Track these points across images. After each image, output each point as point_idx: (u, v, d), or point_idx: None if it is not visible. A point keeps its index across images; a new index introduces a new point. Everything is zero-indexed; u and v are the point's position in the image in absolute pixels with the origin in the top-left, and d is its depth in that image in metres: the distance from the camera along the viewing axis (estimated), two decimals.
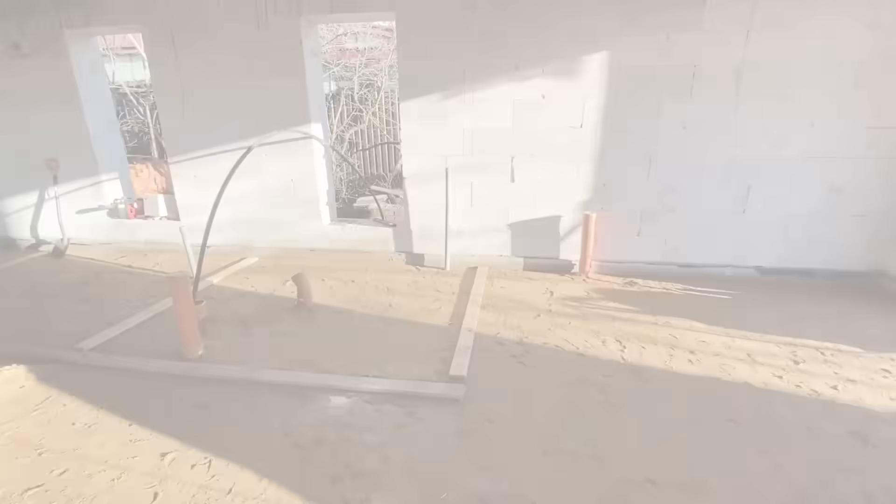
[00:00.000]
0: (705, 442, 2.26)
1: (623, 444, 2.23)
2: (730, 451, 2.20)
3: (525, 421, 2.40)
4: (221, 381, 2.78)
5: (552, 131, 4.23)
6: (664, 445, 2.23)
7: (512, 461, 2.13)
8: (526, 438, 2.28)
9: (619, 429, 2.35)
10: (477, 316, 3.56)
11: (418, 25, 4.14)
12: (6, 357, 3.04)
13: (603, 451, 2.18)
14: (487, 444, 2.23)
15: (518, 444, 2.23)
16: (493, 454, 2.17)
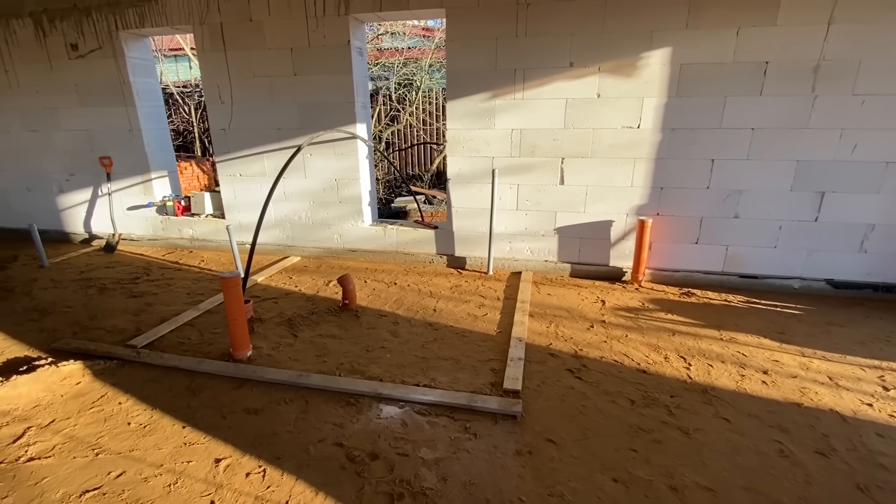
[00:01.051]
0: (794, 475, 2.04)
1: (702, 475, 2.04)
2: (824, 487, 1.98)
3: (589, 442, 2.25)
4: (271, 383, 2.73)
5: (606, 132, 4.03)
6: (749, 477, 2.03)
7: (580, 487, 1.98)
8: (592, 462, 2.12)
9: (695, 456, 2.16)
10: (526, 325, 3.41)
11: (469, 22, 4.02)
12: (64, 352, 3.11)
13: (682, 481, 2.00)
14: (551, 467, 2.09)
15: (584, 469, 2.08)
16: (559, 478, 2.02)
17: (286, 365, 2.94)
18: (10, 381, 2.57)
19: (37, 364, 2.79)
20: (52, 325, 3.55)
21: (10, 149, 5.75)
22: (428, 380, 2.75)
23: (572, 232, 4.37)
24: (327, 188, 4.87)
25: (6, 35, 5.22)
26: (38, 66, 5.24)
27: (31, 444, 2.24)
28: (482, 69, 4.10)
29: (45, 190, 5.82)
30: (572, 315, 3.63)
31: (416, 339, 3.26)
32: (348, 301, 3.75)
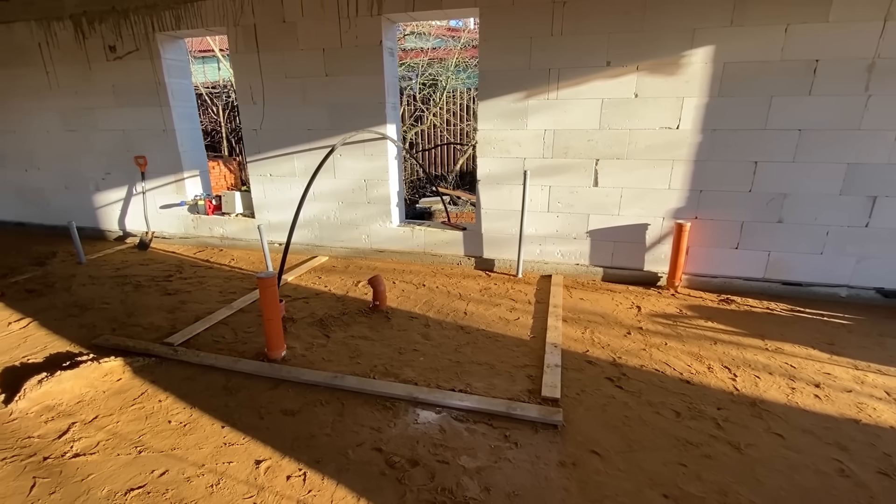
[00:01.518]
0: (858, 497, 1.93)
1: (758, 494, 1.94)
2: None
3: (635, 455, 2.17)
4: (306, 385, 2.73)
5: (644, 132, 3.92)
6: (809, 498, 1.92)
7: (628, 503, 1.90)
8: (640, 476, 2.04)
9: (748, 474, 2.06)
10: (560, 330, 3.34)
11: (503, 22, 3.96)
12: (104, 348, 3.17)
13: (737, 500, 1.91)
14: (597, 480, 2.02)
15: (632, 483, 2.00)
16: (605, 492, 1.95)
17: (320, 366, 2.93)
18: (55, 377, 2.62)
19: (79, 360, 2.85)
20: (91, 320, 3.63)
21: (50, 148, 5.93)
22: (463, 385, 2.70)
23: (605, 235, 4.27)
24: (356, 189, 4.87)
25: (47, 37, 5.38)
26: (77, 68, 5.39)
27: (77, 440, 2.28)
28: (515, 69, 4.04)
29: (81, 188, 5.98)
30: (607, 321, 3.54)
31: (449, 343, 3.22)
32: (379, 302, 3.74)
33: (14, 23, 5.46)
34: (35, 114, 5.81)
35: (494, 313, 3.68)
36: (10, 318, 3.70)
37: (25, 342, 3.29)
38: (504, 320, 3.56)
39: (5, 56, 5.65)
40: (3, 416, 2.46)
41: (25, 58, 5.56)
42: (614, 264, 4.33)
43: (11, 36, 5.53)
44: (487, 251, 4.66)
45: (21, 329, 3.50)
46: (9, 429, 2.37)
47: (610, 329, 3.41)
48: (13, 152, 6.15)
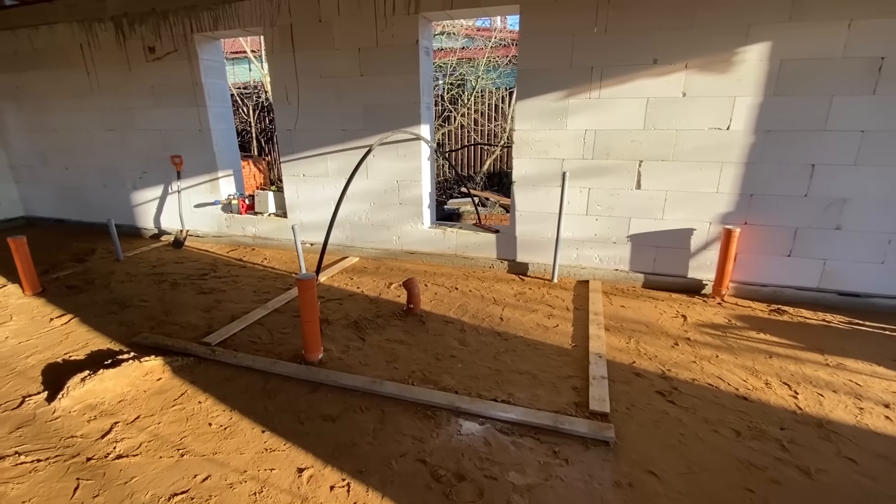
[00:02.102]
0: None
1: None
2: None
3: (696, 478, 2.03)
4: (344, 389, 2.67)
5: (691, 133, 3.75)
6: None
7: None
8: (703, 501, 1.91)
9: (822, 502, 1.90)
10: (603, 339, 3.20)
11: (544, 18, 3.84)
12: (143, 346, 3.19)
13: None
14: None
15: None
16: None
17: (357, 370, 2.88)
18: (98, 375, 2.63)
19: (121, 358, 2.86)
20: (130, 318, 3.66)
21: (90, 147, 6.07)
22: (505, 395, 2.60)
23: (647, 240, 4.10)
24: (388, 190, 4.82)
25: (89, 38, 5.51)
26: (117, 68, 5.50)
27: (119, 441, 2.27)
28: (556, 67, 3.92)
29: (119, 186, 6.11)
30: (652, 330, 3.39)
31: (486, 349, 3.12)
32: (413, 305, 3.67)
33: (57, 24, 5.61)
34: (76, 114, 5.96)
35: (532, 319, 3.57)
36: (51, 313, 3.77)
37: (67, 339, 3.34)
38: (542, 327, 3.44)
39: (48, 57, 5.81)
40: (46, 414, 2.48)
41: (68, 59, 5.71)
42: (656, 270, 4.16)
43: (54, 37, 5.68)
44: (521, 254, 4.54)
45: (63, 325, 3.56)
46: (52, 427, 2.38)
47: (656, 339, 3.26)
48: (55, 151, 6.33)
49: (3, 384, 2.77)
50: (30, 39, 5.82)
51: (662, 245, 4.08)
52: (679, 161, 3.84)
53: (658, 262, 4.14)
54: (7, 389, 2.71)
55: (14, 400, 2.60)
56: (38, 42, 5.79)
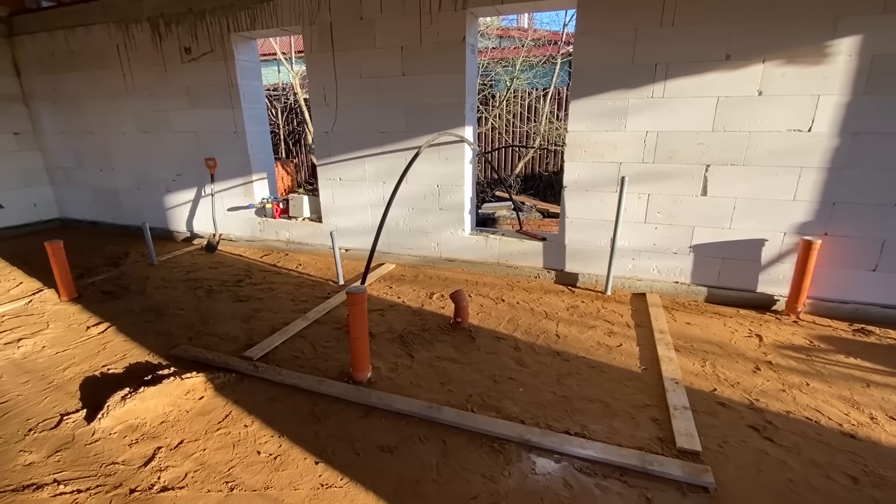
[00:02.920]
0: None
1: None
2: None
3: None
4: (399, 414, 2.45)
5: (766, 135, 3.43)
6: None
7: None
8: None
9: None
10: (676, 362, 2.91)
11: (604, 13, 3.57)
12: (181, 359, 3.03)
13: None
14: None
15: None
16: None
17: (409, 392, 2.66)
18: (139, 394, 2.48)
19: (161, 374, 2.70)
20: (167, 327, 3.52)
21: (125, 150, 6.03)
22: (578, 427, 2.35)
23: (712, 250, 3.79)
24: (428, 194, 4.61)
25: (125, 39, 5.45)
26: (153, 70, 5.43)
27: (164, 470, 2.09)
28: (616, 65, 3.64)
29: (152, 189, 6.05)
30: (727, 352, 3.08)
31: (547, 371, 2.87)
32: (461, 319, 3.44)
33: (93, 25, 5.58)
34: (111, 115, 5.92)
35: (591, 337, 3.30)
36: (87, 321, 3.66)
37: (104, 349, 3.21)
38: (605, 346, 3.17)
39: (84, 59, 5.79)
40: (85, 436, 2.32)
41: (104, 60, 5.67)
42: (721, 284, 3.84)
43: (90, 38, 5.65)
44: (570, 264, 4.27)
45: (99, 335, 3.44)
46: (92, 451, 2.22)
47: (733, 362, 2.95)
48: (90, 153, 6.31)
49: (41, 399, 2.64)
50: (66, 41, 5.80)
51: (729, 256, 3.76)
52: (751, 166, 3.52)
53: (723, 275, 3.82)
54: (45, 406, 2.58)
55: (52, 418, 2.46)
56: (75, 43, 5.77)
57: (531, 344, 3.21)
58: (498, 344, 3.22)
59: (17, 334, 3.44)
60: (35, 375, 2.89)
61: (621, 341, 3.23)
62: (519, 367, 2.93)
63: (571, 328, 3.43)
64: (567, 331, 3.40)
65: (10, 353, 3.17)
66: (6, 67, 6.25)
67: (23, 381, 2.83)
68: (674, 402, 2.50)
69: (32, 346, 3.26)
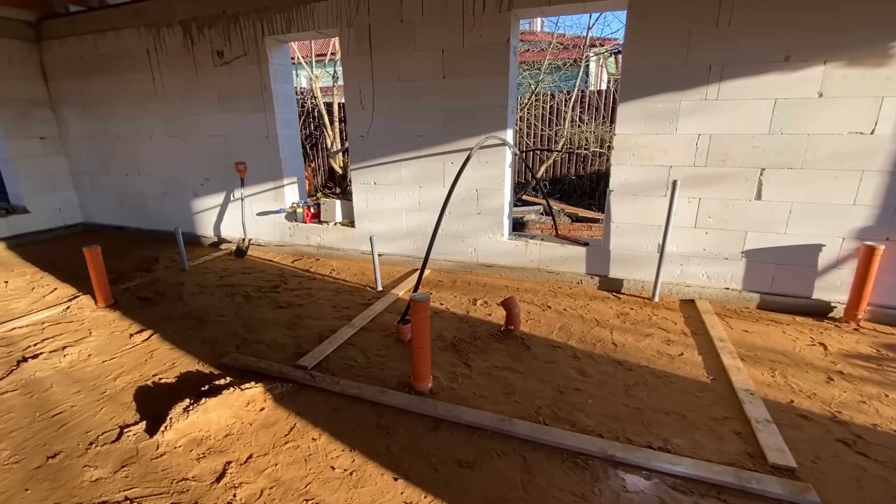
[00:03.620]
0: None
1: None
2: None
3: None
4: (469, 427, 2.37)
5: (826, 138, 3.35)
6: None
7: None
8: None
9: None
10: (744, 371, 2.82)
11: (657, 13, 3.50)
12: (233, 368, 2.96)
13: None
14: None
15: None
16: None
17: (474, 402, 2.57)
18: (201, 405, 2.40)
19: (218, 384, 2.63)
20: (211, 335, 3.45)
21: (152, 153, 5.99)
22: (660, 441, 2.26)
23: (766, 256, 3.70)
24: (466, 199, 4.53)
25: (156, 43, 5.42)
26: (183, 73, 5.39)
27: (238, 486, 2.01)
28: (668, 66, 3.57)
29: (179, 193, 6.00)
30: (793, 361, 2.98)
31: (613, 382, 2.78)
32: (513, 327, 3.35)
33: (123, 29, 5.55)
34: (139, 119, 5.88)
35: (649, 346, 3.21)
36: (129, 328, 3.60)
37: (151, 357, 3.14)
38: (666, 356, 3.07)
39: (114, 63, 5.76)
40: (149, 450, 2.25)
41: (133, 64, 5.63)
42: (774, 290, 3.75)
43: (121, 42, 5.62)
44: (614, 270, 4.18)
45: (144, 342, 3.36)
46: (160, 466, 2.15)
47: (803, 372, 2.86)
48: (117, 157, 6.27)
49: (96, 411, 2.57)
50: (96, 45, 5.77)
51: (783, 262, 3.67)
52: (809, 169, 3.44)
53: (777, 281, 3.73)
54: (101, 418, 2.51)
55: (111, 431, 2.39)
56: (104, 48, 5.74)
57: (589, 353, 3.12)
58: (555, 353, 3.13)
59: (60, 342, 3.37)
60: (85, 385, 2.82)
61: (682, 350, 3.14)
62: (582, 377, 2.84)
63: (627, 336, 3.34)
64: (623, 339, 3.31)
65: (57, 361, 3.10)
66: (33, 71, 6.23)
67: (74, 392, 2.76)
68: (754, 414, 2.41)
69: (78, 354, 3.20)
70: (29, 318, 3.76)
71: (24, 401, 2.69)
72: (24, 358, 3.15)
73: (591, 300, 4.01)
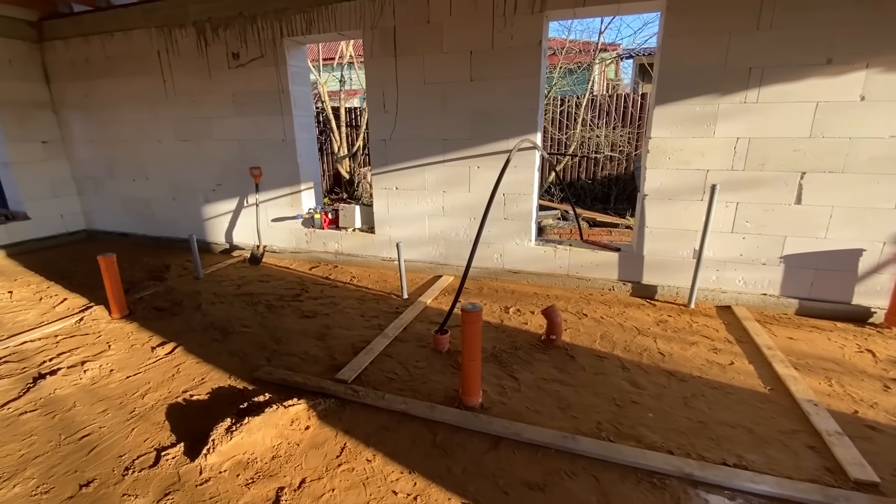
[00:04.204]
0: None
1: None
2: None
3: None
4: (528, 444, 2.25)
5: (867, 142, 3.30)
6: None
7: None
8: None
9: None
10: (803, 381, 2.74)
11: (696, 15, 3.44)
12: (267, 383, 2.81)
13: None
14: None
15: None
16: None
17: (529, 418, 2.45)
18: (244, 426, 2.25)
19: (257, 402, 2.48)
20: (238, 347, 3.29)
21: (161, 158, 5.81)
22: (733, 457, 2.15)
23: (805, 261, 3.64)
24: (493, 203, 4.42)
25: (168, 45, 5.26)
26: (196, 76, 5.23)
27: None
28: (706, 68, 3.51)
29: (189, 199, 5.82)
30: (846, 369, 2.91)
31: (669, 394, 2.68)
32: (555, 336, 3.24)
33: (133, 30, 5.38)
34: (148, 123, 5.71)
35: (696, 355, 3.11)
36: (149, 340, 3.43)
37: (178, 372, 2.98)
38: (717, 365, 2.98)
39: (122, 64, 5.58)
40: (192, 475, 2.09)
41: (143, 66, 5.47)
42: (813, 296, 3.69)
43: (130, 44, 5.45)
44: (648, 276, 4.10)
45: (167, 355, 3.20)
46: (206, 493, 1.99)
47: (858, 380, 2.78)
48: (123, 162, 6.08)
49: (127, 432, 2.40)
50: (103, 46, 5.60)
51: (823, 267, 3.61)
52: (850, 173, 3.39)
53: (816, 287, 3.67)
54: (134, 439, 2.34)
55: (147, 454, 2.23)
56: (112, 49, 5.57)
57: (637, 363, 3.02)
58: (602, 363, 3.02)
59: (78, 356, 3.19)
60: (112, 403, 2.65)
61: (731, 359, 3.05)
62: (636, 389, 2.73)
63: (672, 345, 3.25)
64: (669, 348, 3.21)
65: (77, 377, 2.93)
66: (35, 73, 6.02)
67: (100, 411, 2.59)
68: (823, 426, 2.32)
69: (99, 369, 3.02)
70: (40, 331, 3.58)
71: (47, 422, 2.52)
72: (40, 374, 2.97)
73: (626, 307, 3.92)
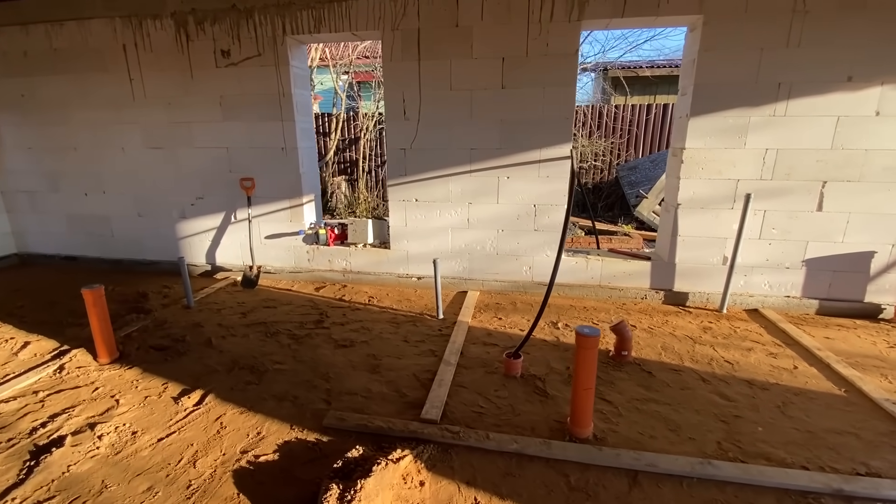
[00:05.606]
0: None
1: None
2: None
3: None
4: (664, 476, 2.11)
5: (881, 153, 3.60)
6: None
7: None
8: None
9: None
10: (869, 382, 2.87)
11: (730, 31, 3.56)
12: (341, 431, 2.42)
13: None
14: None
15: None
16: None
17: (648, 445, 2.32)
18: (359, 492, 1.88)
19: (351, 457, 2.10)
20: (281, 389, 2.83)
21: (124, 169, 5.00)
22: (860, 466, 2.16)
23: (824, 264, 3.89)
24: (522, 215, 4.29)
25: (136, 38, 4.55)
26: (173, 75, 4.57)
27: None
28: (739, 82, 3.64)
29: (160, 215, 5.07)
30: (889, 364, 3.11)
31: (762, 404, 2.67)
32: (626, 352, 3.15)
33: (90, 20, 4.60)
34: (109, 128, 4.89)
35: (759, 360, 3.17)
36: (165, 389, 2.85)
37: (224, 427, 2.48)
38: (784, 370, 3.05)
39: (73, 59, 4.74)
40: None
41: (103, 62, 4.68)
42: (831, 296, 3.95)
43: (86, 35, 4.65)
44: (679, 283, 4.17)
45: (196, 406, 2.67)
46: None
47: None
48: (71, 173, 5.16)
49: None
50: (48, 37, 4.72)
51: (840, 269, 3.88)
52: (866, 182, 3.67)
53: (833, 287, 3.93)
54: None
55: None
56: (60, 41, 4.71)
57: (712, 374, 3.01)
58: (680, 377, 2.98)
59: (80, 417, 2.56)
60: (155, 478, 2.13)
61: (792, 362, 3.15)
62: (727, 401, 2.70)
63: (731, 352, 3.29)
64: (730, 355, 3.25)
65: (92, 446, 2.33)
66: None
67: (144, 489, 2.06)
68: None
69: (117, 432, 2.44)
70: (12, 387, 2.85)
71: None
72: (37, 447, 2.33)
73: (666, 316, 3.95)
